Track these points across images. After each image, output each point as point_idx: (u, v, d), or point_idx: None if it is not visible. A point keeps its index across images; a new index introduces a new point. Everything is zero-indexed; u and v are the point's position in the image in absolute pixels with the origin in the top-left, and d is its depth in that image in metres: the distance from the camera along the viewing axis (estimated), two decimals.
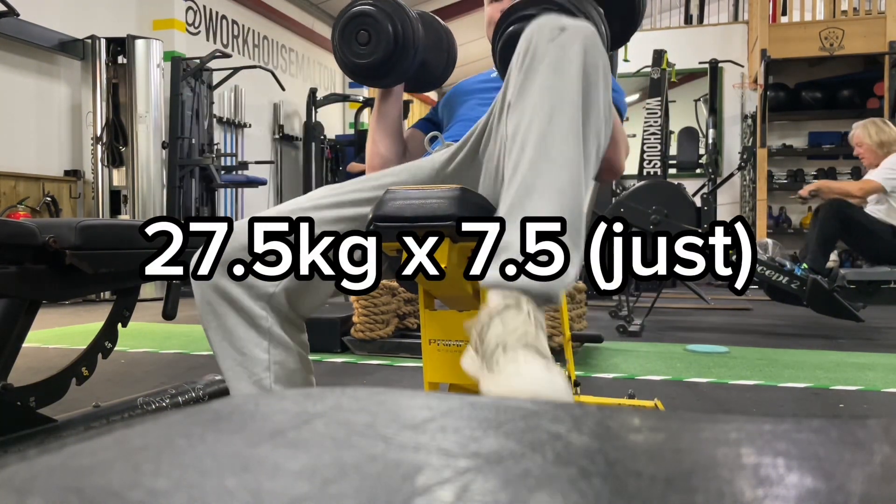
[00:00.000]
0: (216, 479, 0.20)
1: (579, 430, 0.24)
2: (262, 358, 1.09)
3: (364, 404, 0.27)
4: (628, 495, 0.19)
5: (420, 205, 0.97)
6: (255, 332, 1.09)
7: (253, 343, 1.09)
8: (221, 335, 1.09)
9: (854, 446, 0.22)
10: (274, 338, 1.10)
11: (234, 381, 1.11)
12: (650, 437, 0.23)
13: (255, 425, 0.24)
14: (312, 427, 0.24)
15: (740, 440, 0.23)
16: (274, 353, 1.10)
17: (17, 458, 0.21)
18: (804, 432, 0.24)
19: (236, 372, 1.10)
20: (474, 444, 0.22)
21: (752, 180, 7.46)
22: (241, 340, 1.09)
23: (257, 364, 1.09)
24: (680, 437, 0.24)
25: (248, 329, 1.09)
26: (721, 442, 0.23)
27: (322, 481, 0.20)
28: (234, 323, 1.08)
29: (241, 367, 1.09)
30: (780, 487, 0.19)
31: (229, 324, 1.08)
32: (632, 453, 0.22)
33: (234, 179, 6.57)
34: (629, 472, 0.20)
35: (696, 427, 0.25)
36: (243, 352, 1.09)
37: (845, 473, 0.20)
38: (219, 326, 1.09)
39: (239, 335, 1.09)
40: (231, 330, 1.09)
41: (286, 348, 1.11)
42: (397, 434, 0.23)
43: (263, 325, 1.09)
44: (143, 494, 0.19)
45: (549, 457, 0.21)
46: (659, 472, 0.20)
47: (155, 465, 0.21)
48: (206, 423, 0.25)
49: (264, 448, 0.22)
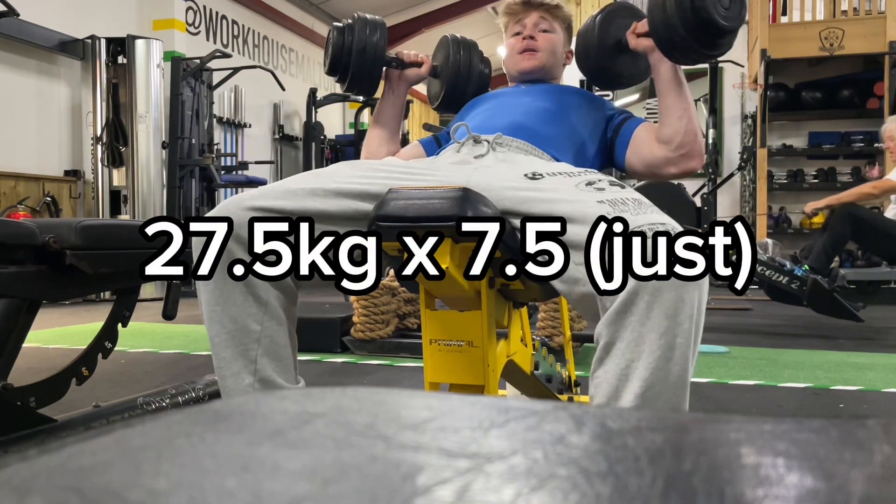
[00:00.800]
0: (216, 479, 0.20)
1: (579, 430, 0.24)
2: (255, 329, 1.07)
3: (364, 404, 0.27)
4: (629, 495, 0.19)
5: (422, 205, 0.97)
6: (253, 300, 1.07)
7: (247, 313, 1.07)
8: (216, 298, 1.07)
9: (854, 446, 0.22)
10: (270, 310, 1.08)
11: (220, 349, 1.08)
12: (650, 437, 0.23)
13: (255, 425, 0.24)
14: (312, 427, 0.24)
15: (740, 440, 0.23)
16: (267, 325, 1.08)
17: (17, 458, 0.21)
18: (804, 432, 0.24)
19: (223, 339, 1.08)
20: (474, 444, 0.22)
21: (752, 180, 7.46)
22: (236, 307, 1.07)
23: (248, 335, 1.07)
24: (680, 437, 0.24)
25: (245, 297, 1.07)
26: (721, 442, 0.23)
27: (322, 481, 0.20)
28: (231, 288, 1.06)
29: (229, 335, 1.07)
30: (781, 487, 0.19)
31: (227, 288, 1.06)
32: (632, 453, 0.22)
33: (234, 179, 6.57)
34: (630, 472, 0.20)
35: (697, 427, 0.25)
36: (236, 321, 1.07)
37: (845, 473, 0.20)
38: (216, 289, 1.06)
39: (235, 301, 1.06)
40: (228, 295, 1.06)
41: (279, 322, 1.09)
42: (397, 434, 0.23)
43: (262, 296, 1.07)
44: (143, 494, 0.19)
45: (549, 457, 0.21)
46: (659, 473, 0.20)
47: (155, 465, 0.21)
48: (206, 423, 0.25)
49: (264, 448, 0.22)
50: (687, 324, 0.90)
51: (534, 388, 1.58)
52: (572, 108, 1.44)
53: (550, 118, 1.39)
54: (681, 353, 0.91)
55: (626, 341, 0.92)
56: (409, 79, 1.59)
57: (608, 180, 1.06)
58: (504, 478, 0.20)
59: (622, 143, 1.42)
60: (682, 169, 1.34)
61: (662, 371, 0.91)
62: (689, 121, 1.33)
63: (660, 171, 1.37)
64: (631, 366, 0.92)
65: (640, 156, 1.39)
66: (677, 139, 1.33)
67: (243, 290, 1.06)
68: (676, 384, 0.92)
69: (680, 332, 0.90)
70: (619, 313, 0.92)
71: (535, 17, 1.56)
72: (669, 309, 0.89)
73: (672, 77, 1.35)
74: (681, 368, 0.91)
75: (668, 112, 1.34)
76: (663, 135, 1.35)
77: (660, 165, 1.36)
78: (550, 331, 2.88)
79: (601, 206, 0.97)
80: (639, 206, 0.98)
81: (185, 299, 1.67)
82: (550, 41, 1.56)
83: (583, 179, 1.06)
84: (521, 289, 1.14)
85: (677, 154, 1.33)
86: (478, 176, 1.11)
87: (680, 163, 1.34)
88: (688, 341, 0.91)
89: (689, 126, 1.32)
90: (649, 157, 1.37)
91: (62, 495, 0.19)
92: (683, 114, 1.33)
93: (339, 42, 1.48)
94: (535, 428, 0.24)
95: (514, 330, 1.39)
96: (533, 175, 1.09)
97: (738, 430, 0.24)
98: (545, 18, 1.56)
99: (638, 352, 0.91)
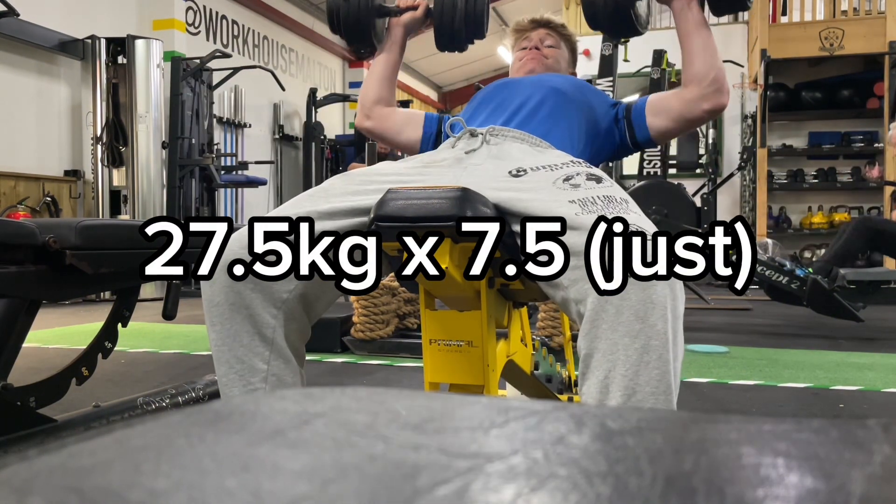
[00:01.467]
0: (216, 479, 0.20)
1: (579, 430, 0.24)
2: (261, 368, 1.06)
3: (364, 404, 0.27)
4: (629, 495, 0.19)
5: (422, 205, 0.97)
6: (259, 339, 1.06)
7: (254, 353, 1.06)
8: (223, 339, 1.06)
9: (854, 446, 0.22)
10: (276, 348, 1.07)
11: (227, 388, 1.08)
12: (650, 437, 0.23)
13: (255, 425, 0.24)
14: (312, 427, 0.24)
15: (740, 440, 0.23)
16: (273, 364, 1.07)
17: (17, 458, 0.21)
18: (804, 432, 0.24)
19: (231, 379, 1.07)
20: (474, 444, 0.22)
21: (752, 180, 7.46)
22: (243, 348, 1.06)
23: (255, 374, 1.06)
24: (680, 437, 0.24)
25: (252, 336, 1.06)
26: (721, 442, 0.23)
27: (322, 481, 0.20)
28: (238, 329, 1.05)
29: (237, 374, 1.06)
30: (781, 487, 0.19)
31: (234, 329, 1.05)
32: (632, 453, 0.22)
33: (234, 179, 6.57)
34: (630, 472, 0.20)
35: (697, 427, 0.25)
36: (242, 360, 1.06)
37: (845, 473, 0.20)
38: (223, 329, 1.06)
39: (241, 342, 1.06)
40: (235, 335, 1.06)
41: (286, 361, 1.08)
42: (397, 434, 0.23)
43: (268, 335, 1.06)
44: (143, 494, 0.19)
45: (549, 457, 0.21)
46: (659, 472, 0.20)
47: (155, 465, 0.21)
48: (206, 423, 0.25)
49: (264, 448, 0.22)
50: (660, 325, 0.89)
51: (534, 388, 1.58)
52: (571, 92, 1.45)
53: (549, 101, 1.41)
54: (657, 355, 0.89)
55: (601, 351, 0.92)
56: (405, 23, 1.61)
57: (586, 174, 1.08)
58: (504, 478, 0.20)
59: (638, 115, 1.44)
60: (714, 104, 1.37)
61: (641, 376, 0.90)
62: (717, 57, 1.40)
63: (692, 112, 1.39)
64: (609, 375, 0.91)
65: (666, 111, 1.41)
66: (711, 74, 1.37)
67: (250, 329, 1.06)
68: (658, 388, 0.90)
69: (653, 334, 0.89)
70: (591, 322, 0.92)
71: (541, 32, 1.64)
72: (639, 311, 0.88)
73: (701, 19, 1.41)
74: (660, 371, 0.90)
75: (698, 51, 1.39)
76: (694, 73, 1.38)
77: (692, 105, 1.38)
78: (550, 331, 2.88)
79: (571, 206, 0.98)
80: (608, 204, 0.99)
81: (185, 299, 1.67)
82: (555, 55, 1.63)
83: (562, 174, 1.08)
84: (521, 289, 1.14)
85: (711, 89, 1.37)
86: (466, 177, 1.12)
87: (713, 97, 1.37)
88: (663, 342, 0.89)
89: (718, 62, 1.39)
90: (678, 105, 1.40)
91: (62, 495, 0.19)
92: (713, 51, 1.39)
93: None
94: (535, 428, 0.24)
95: (514, 330, 1.39)
96: (517, 172, 1.11)
97: (738, 430, 0.24)
98: (551, 35, 1.64)
99: (614, 360, 0.91)
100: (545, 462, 0.21)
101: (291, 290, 1.06)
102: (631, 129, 1.45)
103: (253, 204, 7.61)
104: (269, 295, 1.05)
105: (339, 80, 9.99)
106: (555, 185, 1.05)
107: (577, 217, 0.95)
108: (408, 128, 1.58)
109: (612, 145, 1.46)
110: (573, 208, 0.97)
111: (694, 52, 1.39)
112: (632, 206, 1.02)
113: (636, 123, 1.44)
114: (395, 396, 0.28)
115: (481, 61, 11.80)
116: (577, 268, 0.93)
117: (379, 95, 1.60)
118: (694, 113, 1.39)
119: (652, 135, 1.43)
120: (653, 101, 1.44)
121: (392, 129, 1.59)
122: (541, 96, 1.41)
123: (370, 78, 1.64)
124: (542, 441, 0.23)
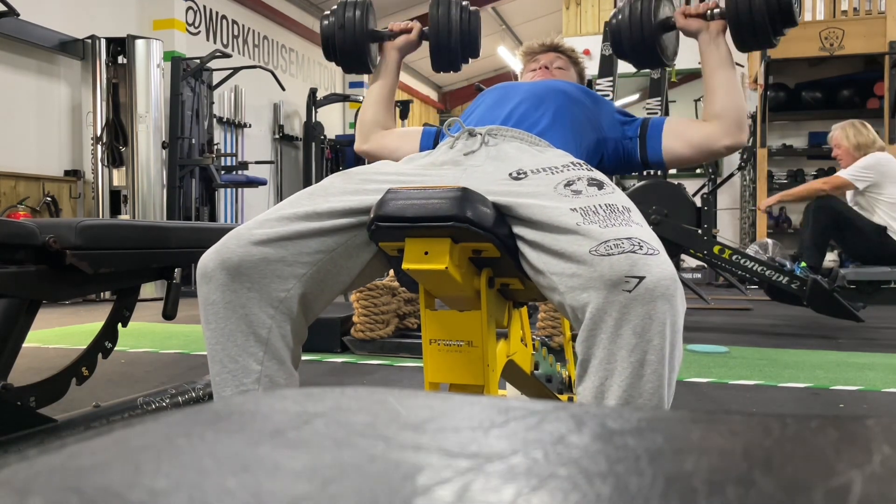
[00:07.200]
0: (216, 479, 0.20)
1: (579, 430, 0.24)
2: (255, 369, 1.06)
3: (364, 404, 0.27)
4: (629, 495, 0.19)
5: (422, 205, 0.97)
6: (254, 340, 1.06)
7: (248, 353, 1.06)
8: (217, 338, 1.06)
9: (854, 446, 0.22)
10: (271, 349, 1.07)
11: (220, 388, 1.08)
12: (650, 437, 0.23)
13: (255, 425, 0.24)
14: (312, 427, 0.24)
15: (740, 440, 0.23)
16: (267, 365, 1.07)
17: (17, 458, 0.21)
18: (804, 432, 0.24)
19: (224, 378, 1.07)
20: (474, 444, 0.22)
21: (752, 180, 7.46)
22: (237, 348, 1.06)
23: (248, 374, 1.06)
24: (680, 437, 0.24)
25: (247, 336, 1.05)
26: (721, 442, 0.23)
27: (322, 481, 0.20)
28: (233, 328, 1.05)
29: (230, 374, 1.06)
30: (780, 487, 0.19)
31: (229, 328, 1.05)
32: (632, 453, 0.22)
33: (234, 179, 6.57)
34: (630, 472, 0.20)
35: (697, 427, 0.25)
36: (236, 360, 1.06)
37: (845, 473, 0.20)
38: (218, 328, 1.06)
39: (236, 341, 1.05)
40: (229, 335, 1.05)
41: (280, 362, 1.08)
42: (397, 434, 0.23)
43: (263, 335, 1.06)
44: (143, 494, 0.19)
45: (549, 457, 0.21)
46: (659, 473, 0.20)
47: (155, 465, 0.21)
48: (206, 423, 0.25)
49: (264, 448, 0.22)
50: (657, 340, 0.90)
51: (534, 388, 1.58)
52: (576, 94, 1.45)
53: (548, 102, 1.40)
54: (652, 370, 0.90)
55: (598, 359, 0.92)
56: (399, 46, 1.63)
57: (587, 179, 1.07)
58: (504, 478, 0.20)
59: (655, 134, 1.43)
60: (734, 141, 1.39)
61: (635, 389, 0.90)
62: (741, 96, 1.42)
63: (712, 146, 1.40)
64: (605, 384, 0.92)
65: (687, 138, 1.42)
66: (733, 115, 1.39)
67: (245, 329, 1.05)
68: (651, 400, 0.91)
69: (650, 350, 0.90)
70: (590, 329, 0.92)
71: (551, 56, 1.68)
72: (637, 326, 0.89)
73: (726, 55, 1.43)
74: (654, 386, 0.91)
75: (721, 87, 1.41)
76: (717, 109, 1.40)
77: (713, 140, 1.39)
78: (550, 331, 2.88)
79: (573, 214, 0.97)
80: (610, 214, 0.98)
81: (185, 299, 1.67)
82: (564, 77, 1.65)
83: (563, 178, 1.07)
84: (521, 289, 1.13)
85: (734, 128, 1.39)
86: (465, 179, 1.11)
87: (735, 135, 1.39)
88: (660, 358, 0.90)
89: (741, 101, 1.41)
90: (699, 135, 1.41)
91: (62, 495, 0.19)
92: (737, 91, 1.41)
93: (325, 25, 1.59)
94: (535, 428, 0.24)
95: (514, 330, 1.39)
96: (517, 174, 1.10)
97: (738, 430, 0.24)
98: (561, 58, 1.69)
99: (610, 370, 0.92)
100: (545, 462, 0.21)
101: (289, 289, 1.06)
102: (643, 148, 1.44)
103: (253, 204, 7.61)
104: (266, 294, 1.05)
105: (339, 80, 9.99)
106: (556, 191, 1.04)
107: (579, 227, 0.95)
108: (405, 145, 1.59)
109: (616, 158, 1.46)
110: (574, 217, 0.97)
111: (716, 90, 1.41)
112: (634, 215, 1.01)
113: (650, 143, 1.43)
114: (395, 396, 0.28)
115: (481, 61, 11.82)
116: (575, 276, 0.93)
117: (376, 119, 1.63)
118: (713, 147, 1.40)
119: (665, 157, 1.43)
120: (673, 123, 1.45)
121: (389, 147, 1.60)
122: (543, 94, 1.41)
123: (367, 102, 1.66)
124: (543, 441, 0.23)
